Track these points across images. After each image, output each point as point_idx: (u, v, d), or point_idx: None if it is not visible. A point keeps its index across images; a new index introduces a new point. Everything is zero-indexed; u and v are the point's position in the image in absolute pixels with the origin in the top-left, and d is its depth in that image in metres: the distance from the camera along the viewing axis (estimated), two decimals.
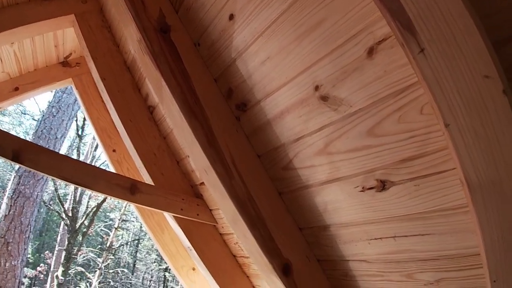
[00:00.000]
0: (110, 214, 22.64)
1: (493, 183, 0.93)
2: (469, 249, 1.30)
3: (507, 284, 1.07)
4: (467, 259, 1.33)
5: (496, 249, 1.03)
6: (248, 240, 1.69)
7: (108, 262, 18.24)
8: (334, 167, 1.49)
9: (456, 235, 1.30)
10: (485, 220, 0.99)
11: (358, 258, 1.69)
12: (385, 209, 1.43)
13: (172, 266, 3.28)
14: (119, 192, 2.36)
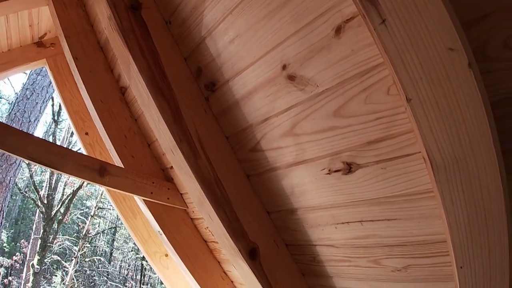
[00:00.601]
0: (87, 202, 22.40)
1: (457, 160, 0.91)
2: (436, 236, 1.29)
3: (474, 270, 1.06)
4: (434, 246, 1.32)
5: (462, 232, 1.02)
6: (214, 222, 1.66)
7: (84, 251, 18.06)
8: (301, 149, 1.46)
9: (422, 221, 1.29)
10: (449, 201, 0.98)
11: (325, 242, 1.68)
12: (351, 193, 1.41)
13: (145, 252, 3.24)
14: (87, 174, 2.30)
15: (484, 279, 1.07)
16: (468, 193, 0.93)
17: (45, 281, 20.16)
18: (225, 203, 1.63)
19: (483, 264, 1.05)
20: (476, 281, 1.09)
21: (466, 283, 1.11)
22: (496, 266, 1.03)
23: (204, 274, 2.67)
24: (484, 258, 1.03)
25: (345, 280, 1.78)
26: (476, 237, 1.00)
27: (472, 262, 1.05)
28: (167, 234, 2.54)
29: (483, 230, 0.98)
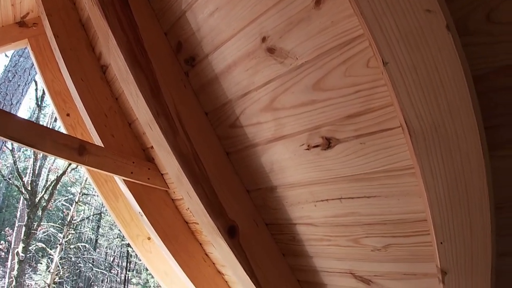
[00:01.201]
0: (71, 188, 22.23)
1: (435, 128, 0.89)
2: (416, 214, 1.28)
3: (455, 245, 1.05)
4: (415, 225, 1.32)
5: (442, 205, 1.00)
6: (193, 199, 1.63)
7: (69, 237, 17.96)
8: (280, 124, 1.44)
9: (402, 198, 1.27)
10: (429, 172, 0.96)
11: (305, 221, 1.66)
12: (331, 169, 1.39)
13: (127, 235, 3.21)
14: (66, 153, 2.25)
15: (465, 254, 1.06)
16: (448, 163, 0.92)
17: (31, 269, 20.07)
18: (203, 180, 1.61)
19: (464, 239, 1.03)
20: (457, 257, 1.08)
21: (447, 259, 1.10)
22: (478, 241, 1.02)
23: (185, 256, 2.65)
24: (466, 233, 1.02)
25: (325, 260, 1.77)
26: (457, 210, 0.99)
27: (453, 237, 1.04)
28: (148, 215, 2.51)
29: (464, 202, 0.96)
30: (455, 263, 1.10)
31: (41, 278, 18.12)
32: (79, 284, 25.92)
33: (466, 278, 1.12)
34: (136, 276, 26.67)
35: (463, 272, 1.11)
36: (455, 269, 1.11)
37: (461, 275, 1.12)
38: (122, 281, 27.91)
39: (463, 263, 1.08)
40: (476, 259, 1.06)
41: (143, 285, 24.97)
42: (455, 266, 1.10)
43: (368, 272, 1.65)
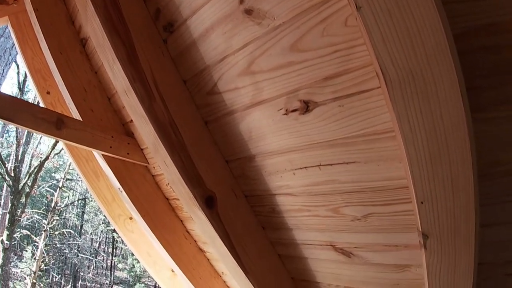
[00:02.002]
0: (55, 174, 22.04)
1: (413, 75, 0.86)
2: (397, 181, 1.26)
3: (436, 205, 1.03)
4: (395, 192, 1.30)
5: (421, 160, 0.97)
6: (169, 168, 1.59)
7: (54, 224, 17.83)
8: (257, 88, 1.40)
9: (382, 164, 1.25)
10: (406, 123, 0.93)
11: (284, 191, 1.64)
12: (309, 134, 1.36)
13: (108, 215, 3.16)
14: (44, 126, 2.19)
15: (447, 216, 1.04)
16: (426, 113, 0.89)
17: (16, 257, 19.94)
18: (180, 148, 1.57)
19: (446, 199, 1.01)
20: (439, 219, 1.06)
21: (428, 221, 1.08)
22: (460, 201, 1.00)
23: (166, 233, 2.62)
24: (447, 192, 1.00)
25: (305, 232, 1.75)
26: (437, 165, 0.96)
27: (434, 196, 1.02)
28: (127, 190, 2.47)
29: (445, 156, 0.94)
30: (436, 226, 1.08)
31: (27, 265, 18.01)
32: (65, 271, 25.88)
33: (448, 243, 1.10)
34: (122, 261, 26.74)
35: (445, 236, 1.09)
36: (437, 233, 1.10)
37: (443, 240, 1.10)
38: (108, 267, 27.99)
39: (445, 226, 1.07)
40: (458, 222, 1.04)
41: (129, 270, 25.03)
42: (437, 230, 1.09)
43: (349, 244, 1.64)
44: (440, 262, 1.17)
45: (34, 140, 18.41)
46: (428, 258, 1.18)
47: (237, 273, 1.83)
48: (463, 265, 1.14)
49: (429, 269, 1.21)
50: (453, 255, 1.13)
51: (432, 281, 1.24)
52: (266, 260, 1.93)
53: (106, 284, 27.69)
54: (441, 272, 1.19)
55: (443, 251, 1.13)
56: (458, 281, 1.20)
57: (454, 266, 1.16)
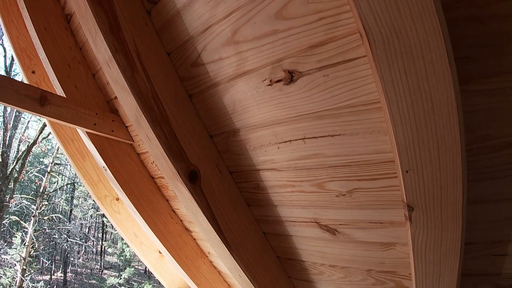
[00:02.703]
0: (44, 159, 21.89)
1: (397, 34, 0.83)
2: (382, 155, 1.24)
3: (422, 174, 1.00)
4: (381, 167, 1.28)
5: (406, 123, 0.94)
6: (152, 141, 1.56)
7: (42, 209, 17.75)
8: (242, 58, 1.37)
9: (368, 137, 1.23)
10: (390, 84, 0.90)
11: (268, 166, 1.62)
12: (293, 106, 1.33)
13: (95, 195, 3.13)
14: (28, 103, 2.15)
15: (433, 185, 1.02)
16: (411, 73, 0.86)
17: (6, 244, 19.87)
18: (163, 121, 1.53)
19: (432, 168, 0.98)
20: (425, 190, 1.04)
21: (414, 192, 1.06)
22: (447, 169, 0.97)
23: (151, 212, 2.60)
24: (434, 160, 0.97)
25: (289, 209, 1.74)
26: (422, 131, 0.93)
27: (420, 164, 0.99)
28: (112, 169, 2.43)
29: (431, 121, 0.91)
30: (422, 197, 1.06)
31: (16, 252, 17.94)
32: (55, 256, 25.89)
33: (435, 216, 1.09)
34: (112, 246, 26.82)
35: (431, 208, 1.07)
36: (423, 205, 1.08)
37: (429, 213, 1.08)
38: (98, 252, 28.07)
39: (431, 197, 1.04)
40: (445, 193, 1.02)
41: (119, 255, 25.12)
42: (423, 201, 1.07)
43: (333, 220, 1.63)
44: (426, 236, 1.15)
45: (21, 125, 18.25)
46: (414, 232, 1.16)
47: (221, 250, 1.81)
48: (449, 241, 1.13)
49: (415, 244, 1.19)
50: (440, 230, 1.11)
51: (417, 257, 1.23)
52: (251, 238, 1.92)
53: (96, 269, 27.80)
54: (427, 247, 1.18)
55: (429, 225, 1.11)
56: (444, 257, 1.18)
57: (440, 241, 1.14)
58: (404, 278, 1.65)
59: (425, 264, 1.23)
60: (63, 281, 25.05)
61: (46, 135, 14.81)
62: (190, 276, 2.76)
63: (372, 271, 1.75)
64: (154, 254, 3.43)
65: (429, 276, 1.26)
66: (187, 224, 2.78)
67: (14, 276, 17.70)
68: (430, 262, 1.22)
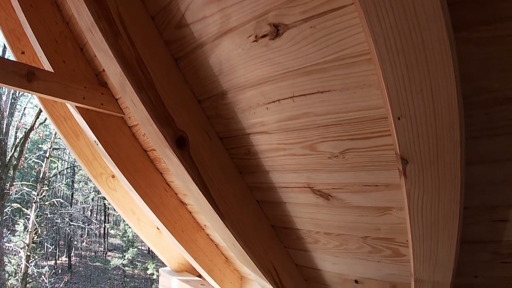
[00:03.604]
0: (43, 146, 21.90)
1: None
2: (375, 111, 1.20)
3: (415, 122, 0.94)
4: (374, 124, 1.24)
5: (395, 63, 0.87)
6: (137, 107, 1.52)
7: (43, 195, 17.80)
8: (225, 15, 1.32)
9: (359, 91, 1.18)
10: (376, 20, 0.83)
11: (258, 129, 1.58)
12: (280, 61, 1.29)
13: (90, 174, 3.11)
14: (15, 80, 2.11)
15: (428, 133, 0.95)
16: (397, 8, 0.79)
17: (9, 232, 19.98)
18: (148, 86, 1.49)
19: (426, 113, 0.92)
20: (418, 136, 0.97)
21: (407, 141, 0.99)
22: (442, 114, 0.90)
23: (146, 186, 2.58)
24: (427, 103, 0.90)
25: (281, 174, 1.71)
26: (413, 70, 0.86)
27: (413, 109, 0.92)
28: (103, 143, 2.40)
29: (422, 58, 0.84)
30: (417, 148, 0.99)
31: (20, 239, 18.05)
32: (59, 241, 26.12)
33: (431, 170, 1.02)
34: (115, 228, 27.09)
35: (427, 160, 1.01)
36: (418, 157, 1.01)
37: (425, 166, 1.02)
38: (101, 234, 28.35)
39: (427, 147, 0.98)
40: (441, 141, 0.95)
41: (122, 236, 25.40)
42: (417, 152, 1.00)
43: (327, 184, 1.59)
44: (422, 193, 1.09)
45: (18, 112, 18.20)
46: (409, 189, 1.10)
47: (214, 219, 1.79)
48: (447, 198, 1.07)
49: (410, 203, 1.14)
50: (437, 186, 1.05)
51: (413, 217, 1.17)
52: (244, 206, 1.89)
53: (100, 251, 28.12)
54: (423, 206, 1.12)
55: (425, 180, 1.05)
56: (442, 218, 1.13)
57: (438, 199, 1.08)
58: (401, 245, 1.63)
59: (422, 225, 1.18)
60: (68, 265, 25.34)
61: (43, 120, 14.76)
62: (187, 250, 2.75)
63: (368, 238, 1.72)
64: (152, 230, 3.43)
65: (427, 239, 1.21)
66: (182, 197, 2.77)
67: (19, 263, 17.85)
68: (427, 223, 1.16)
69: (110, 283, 24.19)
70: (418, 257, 1.30)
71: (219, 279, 2.96)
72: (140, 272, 24.93)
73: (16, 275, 17.94)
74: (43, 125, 18.12)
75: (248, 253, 1.89)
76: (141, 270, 24.81)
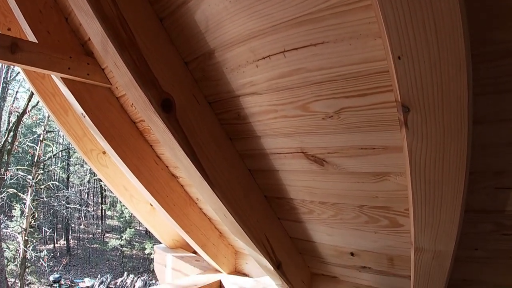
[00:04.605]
0: (37, 130, 21.81)
1: None
2: (372, 64, 1.12)
3: (418, 62, 0.83)
4: (370, 79, 1.16)
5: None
6: (120, 69, 1.44)
7: (39, 178, 17.77)
8: None
9: (355, 43, 1.10)
10: None
11: (248, 90, 1.51)
12: (270, 13, 1.21)
13: (80, 151, 3.04)
14: None
15: (432, 73, 0.84)
16: None
17: (6, 218, 20.02)
18: (131, 46, 1.41)
19: (428, 49, 0.80)
20: (421, 79, 0.85)
21: (409, 85, 0.87)
22: (447, 50, 0.79)
23: (135, 158, 2.52)
24: (430, 38, 0.79)
25: (273, 139, 1.65)
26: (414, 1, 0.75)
27: (414, 46, 0.81)
28: (90, 115, 2.33)
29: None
30: (420, 93, 0.87)
31: (17, 224, 18.07)
32: (57, 225, 26.26)
33: (435, 117, 0.90)
34: (112, 209, 27.29)
35: (431, 107, 0.89)
36: (421, 103, 0.89)
37: (428, 113, 0.90)
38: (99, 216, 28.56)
39: (431, 92, 0.86)
40: (447, 86, 0.84)
41: (119, 217, 25.59)
42: (420, 98, 0.88)
43: (321, 149, 1.53)
44: (426, 148, 0.98)
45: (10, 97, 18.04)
46: (411, 142, 0.98)
47: (204, 189, 1.73)
48: (453, 153, 0.96)
49: (412, 159, 1.02)
50: (441, 138, 0.94)
51: (415, 177, 1.06)
52: (235, 175, 1.83)
53: (98, 233, 28.34)
54: (426, 162, 1.01)
55: (428, 130, 0.94)
56: (447, 178, 1.02)
57: (442, 154, 0.97)
58: (399, 214, 1.57)
59: (425, 185, 1.07)
60: (67, 248, 25.48)
61: (35, 103, 14.63)
62: (180, 224, 2.71)
63: (364, 207, 1.67)
64: (145, 207, 3.38)
65: (429, 202, 1.10)
66: (173, 169, 2.71)
67: (18, 248, 17.88)
68: (430, 183, 1.06)
69: (109, 264, 24.41)
70: (419, 223, 1.20)
71: (213, 254, 2.93)
72: (138, 252, 25.20)
73: (15, 261, 18.01)
74: (36, 108, 17.99)
75: (240, 224, 1.83)
76: (139, 250, 25.07)
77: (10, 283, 17.35)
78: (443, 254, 1.27)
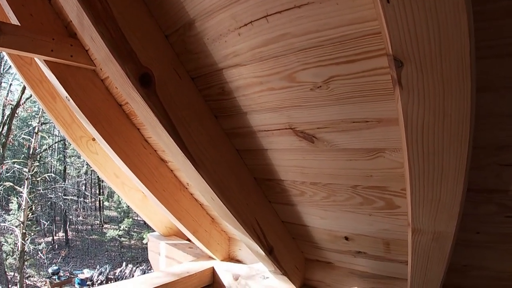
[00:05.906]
0: (32, 122, 21.75)
1: None
2: (362, 25, 1.04)
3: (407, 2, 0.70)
4: (361, 43, 1.07)
5: None
6: (96, 43, 1.37)
7: (35, 171, 17.73)
8: None
9: (342, 1, 1.02)
10: None
11: (231, 62, 1.44)
12: None
13: (69, 138, 2.97)
14: None
15: (427, 15, 0.70)
16: None
17: (3, 212, 20.02)
18: (107, 19, 1.34)
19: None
20: (415, 25, 0.72)
21: (400, 29, 0.74)
22: None
23: (122, 142, 2.45)
24: None
25: (260, 115, 1.58)
26: None
27: None
28: (75, 98, 2.26)
29: None
30: (414, 42, 0.75)
31: (14, 217, 18.05)
32: (55, 217, 26.34)
33: (432, 71, 0.79)
34: (109, 200, 27.41)
35: (428, 58, 0.77)
36: (416, 54, 0.77)
37: (424, 66, 0.78)
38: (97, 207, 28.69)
39: (427, 40, 0.74)
40: (445, 32, 0.72)
41: (116, 208, 25.72)
42: (415, 48, 0.76)
43: (310, 124, 1.46)
44: (423, 110, 0.86)
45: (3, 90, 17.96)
46: (406, 103, 0.86)
47: (188, 170, 1.67)
48: (454, 113, 0.83)
49: (408, 125, 0.89)
50: (441, 96, 0.81)
51: (412, 147, 0.94)
52: (222, 155, 1.77)
53: (96, 224, 28.48)
54: (424, 129, 0.89)
55: (425, 87, 0.81)
56: (447, 146, 0.90)
57: (442, 116, 0.84)
58: (395, 194, 1.50)
59: (423, 156, 0.95)
60: (65, 240, 25.56)
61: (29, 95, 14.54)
62: (170, 210, 2.65)
63: (358, 188, 1.60)
64: (137, 194, 3.32)
65: (428, 176, 0.99)
66: (162, 154, 2.64)
67: (16, 242, 17.88)
68: (429, 153, 0.94)
69: (108, 254, 24.57)
70: (417, 200, 1.09)
71: (206, 240, 2.87)
72: (137, 242, 25.37)
73: (14, 254, 18.01)
74: (31, 100, 17.91)
75: (228, 208, 1.77)
76: (137, 240, 25.26)
77: (10, 277, 17.38)
78: (444, 236, 1.17)
